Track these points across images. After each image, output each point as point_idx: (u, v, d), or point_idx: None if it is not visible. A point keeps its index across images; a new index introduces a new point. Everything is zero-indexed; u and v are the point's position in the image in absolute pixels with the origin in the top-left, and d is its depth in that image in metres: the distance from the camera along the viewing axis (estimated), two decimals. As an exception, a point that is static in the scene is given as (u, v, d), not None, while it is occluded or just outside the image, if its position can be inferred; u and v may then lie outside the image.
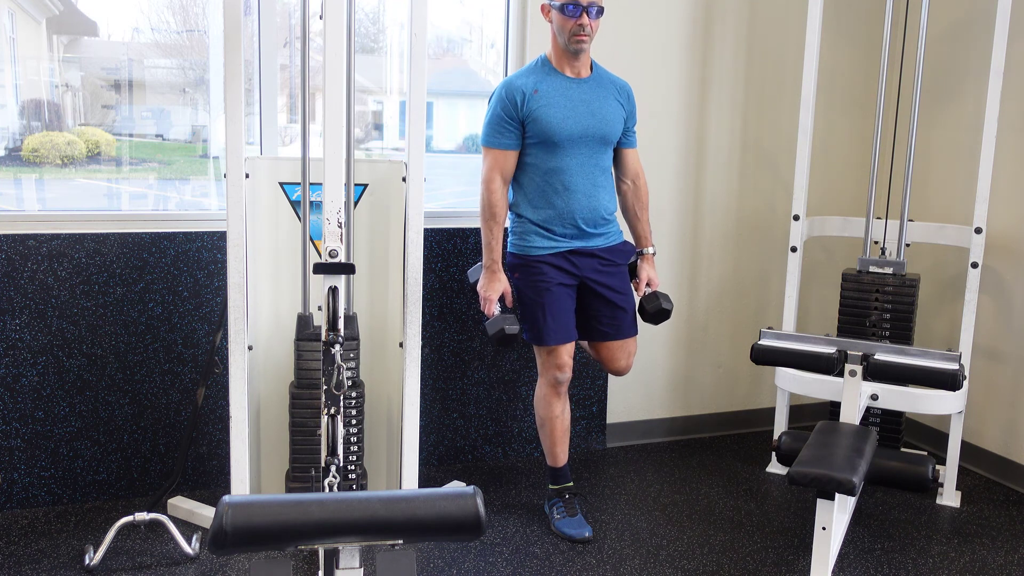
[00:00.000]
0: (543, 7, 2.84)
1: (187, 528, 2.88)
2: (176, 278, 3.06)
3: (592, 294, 2.95)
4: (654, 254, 3.09)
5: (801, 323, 3.90)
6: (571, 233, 2.89)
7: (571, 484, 3.07)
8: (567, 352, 2.91)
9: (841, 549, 2.87)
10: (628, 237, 3.09)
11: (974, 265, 3.20)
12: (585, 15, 2.74)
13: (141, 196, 3.39)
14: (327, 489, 2.11)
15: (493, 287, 2.86)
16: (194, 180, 3.47)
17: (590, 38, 2.79)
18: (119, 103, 3.27)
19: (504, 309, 2.86)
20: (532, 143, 2.83)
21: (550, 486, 3.08)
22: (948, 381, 2.77)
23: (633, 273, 3.06)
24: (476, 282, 2.93)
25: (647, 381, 3.82)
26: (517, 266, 2.91)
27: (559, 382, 2.93)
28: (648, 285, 3.04)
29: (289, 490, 2.76)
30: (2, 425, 2.93)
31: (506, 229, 2.94)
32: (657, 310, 3.00)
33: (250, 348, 2.74)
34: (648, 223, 3.08)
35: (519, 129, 2.81)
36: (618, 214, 3.03)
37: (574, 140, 2.83)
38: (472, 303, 3.42)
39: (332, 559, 1.46)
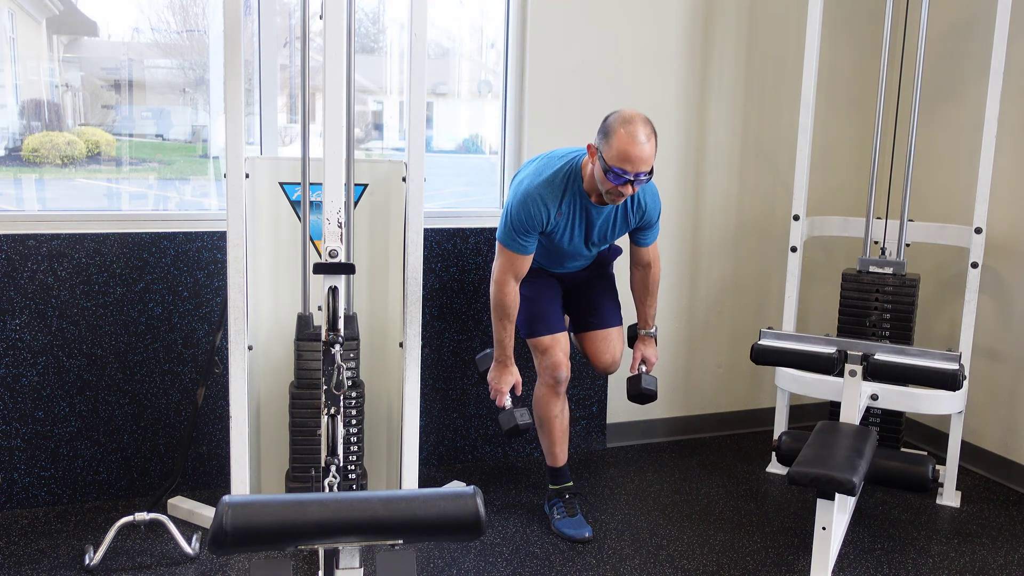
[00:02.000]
0: (590, 147, 2.66)
1: (187, 528, 2.88)
2: (176, 278, 3.06)
3: (577, 287, 3.01)
4: (654, 335, 3.09)
5: (801, 323, 3.89)
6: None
7: (571, 484, 3.07)
8: (562, 351, 2.92)
9: (841, 549, 2.87)
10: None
11: (974, 265, 3.20)
12: (630, 186, 2.60)
13: (141, 196, 3.39)
14: (327, 489, 2.11)
15: (505, 380, 2.88)
16: (194, 180, 3.47)
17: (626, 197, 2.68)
18: (119, 103, 3.27)
19: (514, 401, 2.91)
20: (539, 243, 2.84)
21: (550, 486, 3.08)
22: (948, 381, 2.77)
23: (631, 342, 3.12)
24: (485, 371, 2.99)
25: (647, 381, 3.82)
26: None
27: (557, 381, 2.94)
28: (644, 363, 3.06)
29: (289, 490, 2.76)
30: (2, 425, 2.93)
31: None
32: (637, 393, 3.02)
33: (250, 348, 2.74)
34: (654, 307, 3.08)
35: (537, 237, 2.79)
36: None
37: (576, 252, 2.87)
38: (472, 304, 3.42)
39: (332, 559, 1.46)
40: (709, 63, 3.71)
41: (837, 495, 2.50)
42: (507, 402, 2.89)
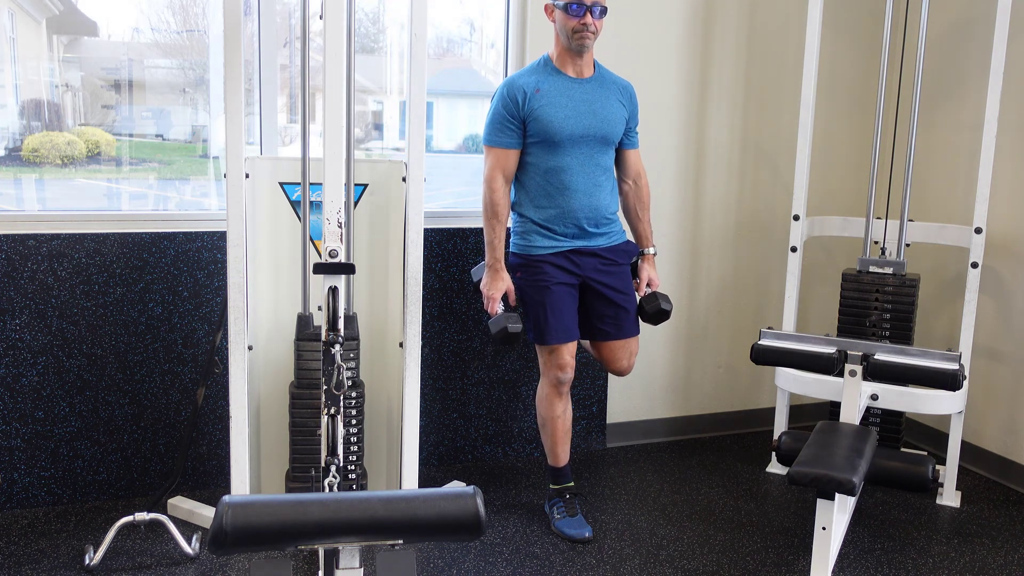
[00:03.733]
0: (546, 7, 2.85)
1: (187, 528, 2.88)
2: (176, 278, 3.06)
3: (594, 294, 2.95)
4: (655, 254, 3.09)
5: (801, 323, 3.90)
6: (573, 232, 2.89)
7: (572, 484, 3.07)
8: (569, 352, 2.91)
9: (841, 549, 2.87)
10: (630, 237, 3.10)
11: (974, 265, 3.20)
12: (589, 14, 2.76)
13: (141, 196, 3.39)
14: (327, 489, 2.11)
15: (496, 286, 2.86)
16: (194, 180, 3.47)
17: (594, 36, 2.80)
18: (119, 103, 3.27)
19: (507, 308, 2.87)
20: (533, 142, 2.83)
21: (551, 486, 3.08)
22: (948, 381, 2.77)
23: (634, 273, 3.07)
24: (479, 281, 2.94)
25: (647, 381, 3.82)
26: (519, 265, 2.92)
27: (561, 382, 2.93)
28: (648, 285, 3.05)
29: (289, 490, 2.76)
30: (2, 425, 2.93)
31: (508, 229, 2.95)
32: (656, 311, 3.00)
33: (250, 348, 2.74)
34: (649, 223, 3.09)
35: (520, 128, 2.82)
36: (620, 214, 3.03)
37: (575, 140, 2.83)
38: (472, 303, 3.42)
39: (332, 559, 1.46)
40: (709, 63, 3.71)
41: (837, 495, 2.50)
42: (499, 308, 2.84)
